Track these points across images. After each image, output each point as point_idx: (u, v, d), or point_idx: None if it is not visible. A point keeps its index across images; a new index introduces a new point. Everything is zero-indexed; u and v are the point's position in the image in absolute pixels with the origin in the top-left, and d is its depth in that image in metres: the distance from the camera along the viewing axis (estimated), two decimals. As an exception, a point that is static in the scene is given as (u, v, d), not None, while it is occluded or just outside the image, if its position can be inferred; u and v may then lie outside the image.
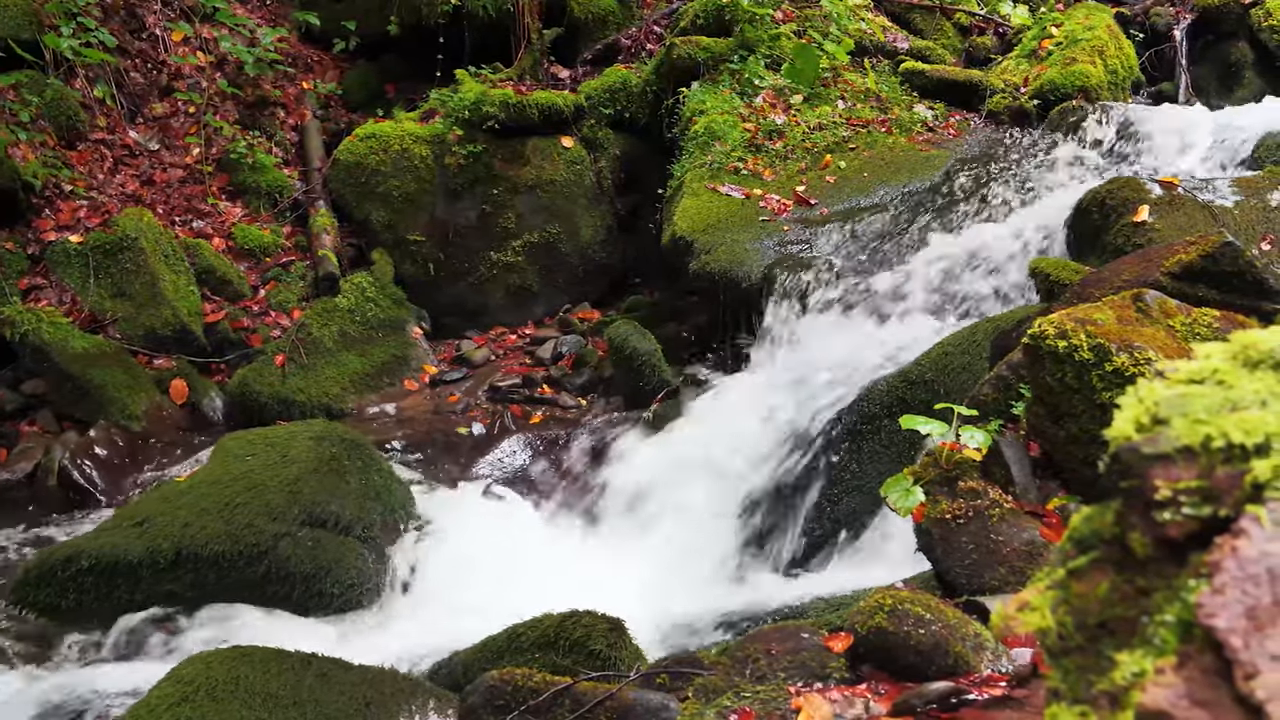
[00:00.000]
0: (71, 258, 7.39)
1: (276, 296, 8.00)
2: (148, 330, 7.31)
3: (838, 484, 5.24)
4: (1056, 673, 0.82)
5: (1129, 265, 3.88)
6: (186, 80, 8.96)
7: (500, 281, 8.56)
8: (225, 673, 3.50)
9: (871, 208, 7.13)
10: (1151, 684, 0.72)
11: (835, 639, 2.89)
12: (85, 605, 4.92)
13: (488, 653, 3.98)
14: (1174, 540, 0.77)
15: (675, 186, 7.77)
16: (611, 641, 3.68)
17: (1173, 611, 0.75)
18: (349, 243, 8.51)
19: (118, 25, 8.82)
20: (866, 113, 8.24)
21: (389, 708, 3.58)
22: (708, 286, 6.96)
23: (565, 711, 2.92)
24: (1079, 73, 8.10)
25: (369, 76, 9.89)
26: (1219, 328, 3.07)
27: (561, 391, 7.38)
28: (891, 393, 5.23)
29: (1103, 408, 2.88)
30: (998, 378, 3.70)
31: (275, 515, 5.14)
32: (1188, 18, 9.20)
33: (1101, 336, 2.96)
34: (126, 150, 8.44)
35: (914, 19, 9.71)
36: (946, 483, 3.26)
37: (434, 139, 8.52)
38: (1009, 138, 7.77)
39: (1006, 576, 3.02)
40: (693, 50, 8.43)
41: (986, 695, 2.49)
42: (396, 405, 7.44)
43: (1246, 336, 0.86)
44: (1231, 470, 0.76)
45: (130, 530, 5.06)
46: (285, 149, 9.08)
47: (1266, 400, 0.79)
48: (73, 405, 6.86)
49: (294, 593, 5.07)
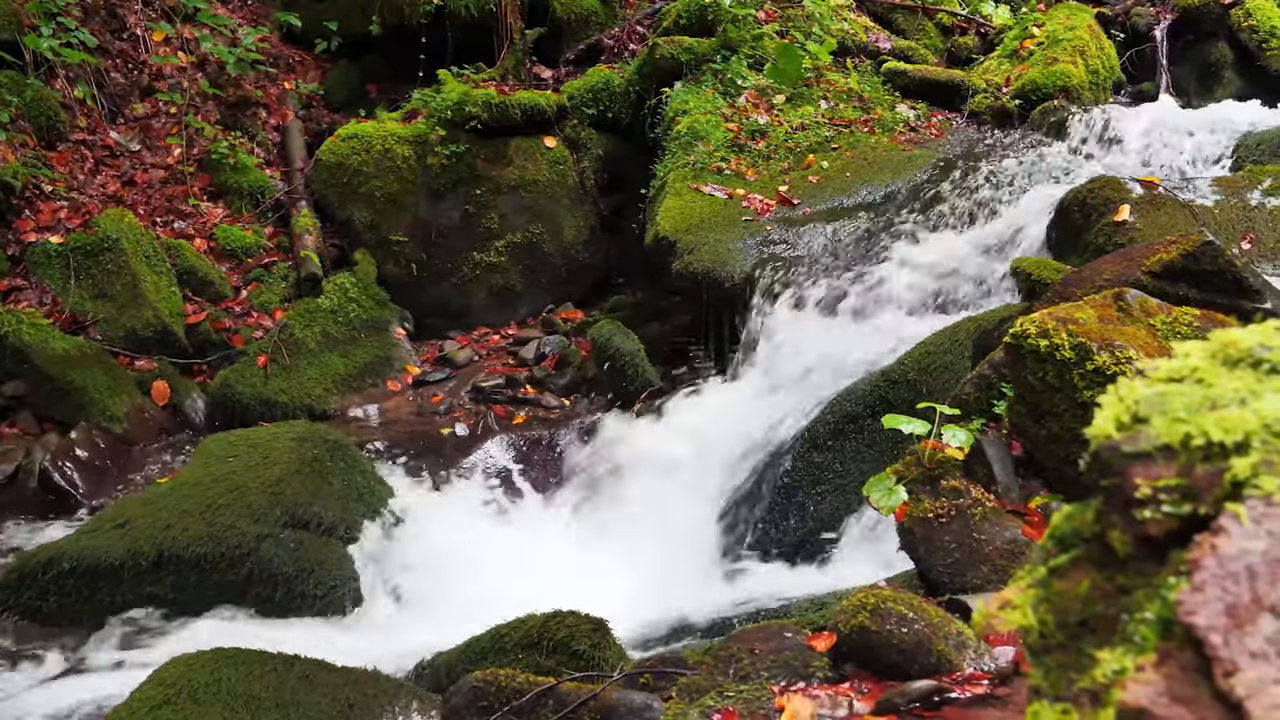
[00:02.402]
0: (52, 259, 7.35)
1: (259, 297, 7.97)
2: (129, 331, 7.28)
3: (821, 483, 5.25)
4: (1038, 671, 0.82)
5: (1110, 264, 3.89)
6: (168, 80, 8.92)
7: (483, 282, 8.55)
8: (207, 674, 3.49)
9: (854, 207, 7.14)
10: (1132, 681, 0.73)
11: (818, 638, 2.90)
12: (67, 608, 4.90)
13: (471, 653, 3.98)
14: (1154, 538, 0.77)
15: (658, 186, 7.77)
16: (595, 642, 3.68)
17: (1153, 609, 0.75)
18: (331, 243, 8.48)
19: (98, 25, 8.78)
20: (849, 113, 8.25)
21: (372, 709, 3.57)
22: (691, 286, 6.96)
23: (549, 712, 2.91)
24: (1060, 73, 8.14)
25: (351, 76, 9.87)
26: (1199, 326, 3.08)
27: (545, 392, 7.38)
28: (874, 392, 5.24)
29: (1084, 406, 2.89)
30: (980, 377, 3.71)
31: (257, 517, 5.13)
32: (1168, 18, 9.25)
33: (1083, 335, 2.97)
34: (107, 151, 8.40)
35: (896, 19, 9.74)
36: (929, 482, 3.27)
37: (416, 139, 8.50)
38: (991, 137, 7.79)
39: (989, 575, 3.02)
40: (675, 50, 8.44)
41: (969, 693, 2.50)
42: (379, 406, 7.42)
43: (1226, 335, 0.86)
44: (1211, 468, 0.76)
45: (112, 532, 5.04)
46: (267, 149, 9.05)
47: (1245, 398, 0.79)
48: (53, 407, 6.82)
49: (276, 594, 5.06)
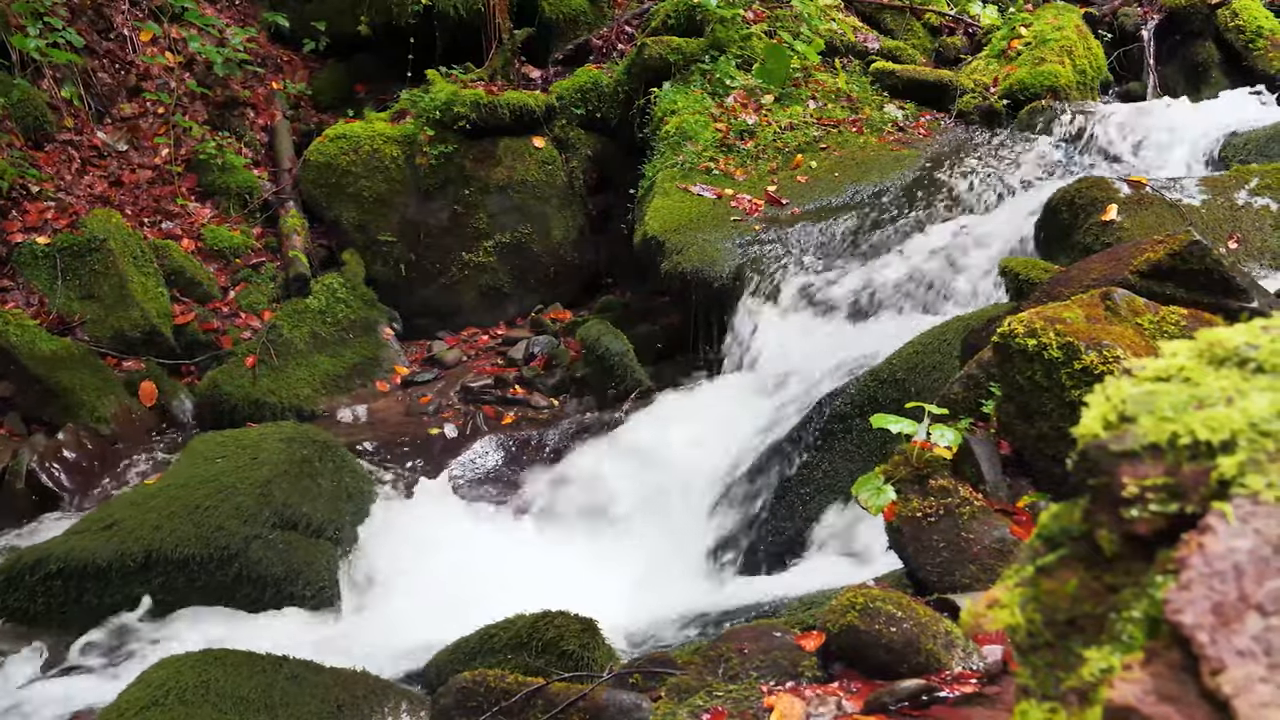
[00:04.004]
0: (39, 259, 7.32)
1: (247, 298, 7.95)
2: (116, 332, 7.26)
3: (809, 483, 5.25)
4: (1026, 669, 0.83)
5: (1098, 264, 3.90)
6: (155, 80, 8.89)
7: (472, 282, 8.55)
8: (195, 676, 3.48)
9: (842, 207, 7.15)
10: (1119, 680, 0.73)
11: (807, 637, 2.90)
12: (54, 609, 4.88)
13: (460, 654, 3.97)
14: (1141, 537, 0.77)
15: (647, 186, 7.77)
16: (584, 642, 3.68)
17: (1140, 608, 0.75)
18: (320, 244, 8.47)
19: (85, 25, 8.75)
20: (837, 112, 8.26)
21: (361, 710, 3.57)
22: (679, 286, 6.96)
23: (538, 712, 2.91)
24: (1048, 73, 8.16)
25: (339, 77, 9.85)
26: (1186, 325, 3.09)
27: (533, 392, 7.37)
28: (863, 391, 5.24)
29: (1072, 406, 2.90)
30: (968, 376, 3.72)
31: (246, 517, 5.11)
32: (1155, 18, 9.28)
33: (1070, 335, 2.97)
34: (94, 151, 8.37)
35: (884, 19, 9.75)
36: (917, 481, 3.27)
37: (405, 139, 8.49)
38: (979, 137, 7.81)
39: (977, 574, 3.03)
40: (664, 50, 8.43)
41: (958, 692, 2.50)
42: (368, 407, 7.41)
43: (1212, 334, 0.86)
44: (1198, 467, 0.76)
45: (99, 533, 5.02)
46: (255, 149, 9.03)
47: (1232, 397, 0.79)
48: (41, 408, 6.79)
49: (265, 595, 5.04)
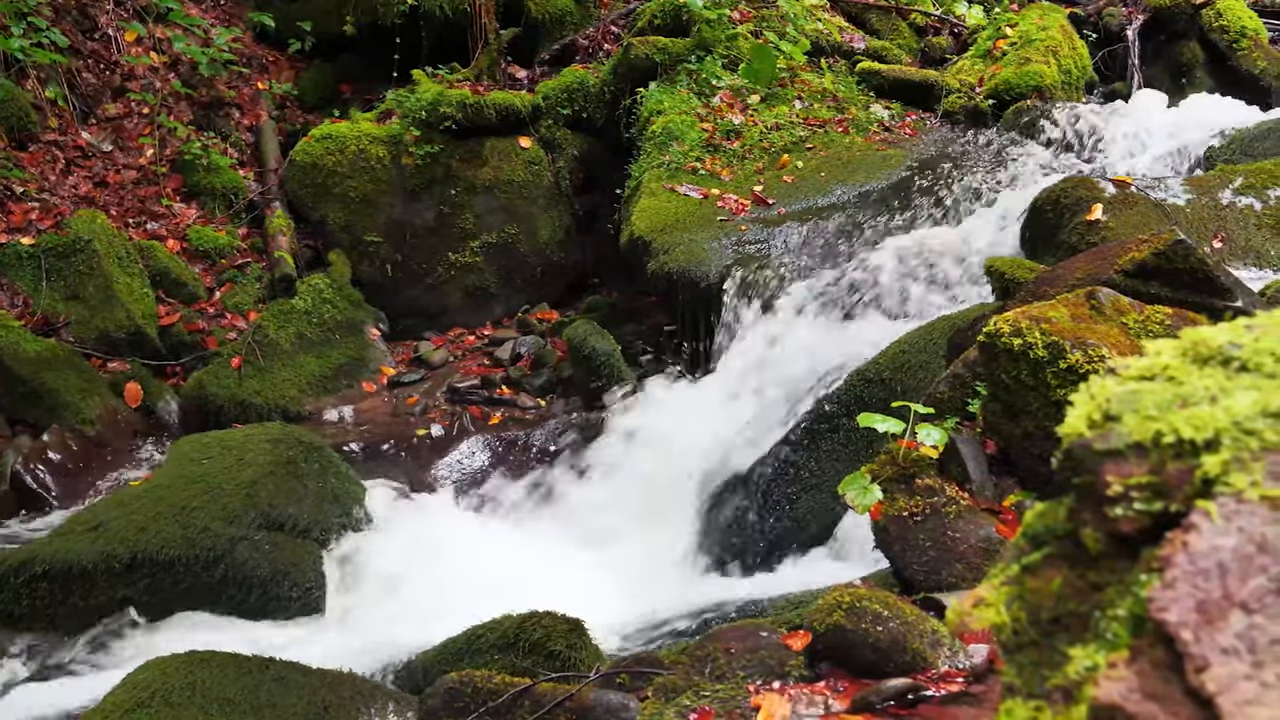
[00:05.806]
0: (23, 260, 7.29)
1: (232, 298, 7.93)
2: (101, 333, 7.23)
3: (796, 482, 5.25)
4: (1011, 668, 0.83)
5: (1083, 263, 3.91)
6: (140, 81, 8.86)
7: (458, 282, 8.54)
8: (181, 678, 3.47)
9: (829, 207, 7.15)
10: (1104, 678, 0.73)
11: (794, 637, 2.90)
12: (40, 611, 4.85)
13: (447, 654, 3.97)
14: (1126, 535, 0.77)
15: (633, 187, 7.77)
16: (571, 642, 3.68)
17: (1125, 606, 0.75)
18: (305, 244, 8.45)
19: (69, 25, 8.71)
20: (823, 113, 8.27)
21: (348, 711, 3.56)
22: (666, 286, 6.96)
23: (525, 713, 2.91)
24: (1033, 73, 8.18)
25: (325, 77, 9.82)
26: (1171, 325, 3.10)
27: (520, 392, 7.36)
28: (849, 391, 5.25)
29: (1057, 405, 2.90)
30: (954, 376, 3.73)
31: (232, 519, 5.09)
32: (1140, 18, 9.31)
33: (1056, 334, 2.98)
34: (79, 151, 8.34)
35: (870, 19, 9.77)
36: (904, 480, 3.28)
37: (391, 139, 8.48)
38: (965, 137, 7.82)
39: (963, 573, 3.03)
40: (650, 50, 8.43)
41: (944, 691, 2.51)
42: (354, 407, 7.39)
43: (1196, 333, 0.86)
44: (1182, 466, 0.77)
45: (85, 535, 5.00)
46: (240, 150, 9.00)
47: (1216, 396, 0.79)
48: (25, 409, 6.76)
49: (251, 596, 5.03)
